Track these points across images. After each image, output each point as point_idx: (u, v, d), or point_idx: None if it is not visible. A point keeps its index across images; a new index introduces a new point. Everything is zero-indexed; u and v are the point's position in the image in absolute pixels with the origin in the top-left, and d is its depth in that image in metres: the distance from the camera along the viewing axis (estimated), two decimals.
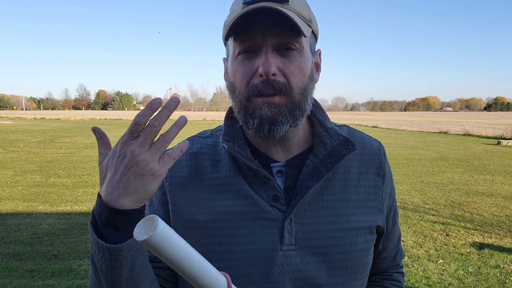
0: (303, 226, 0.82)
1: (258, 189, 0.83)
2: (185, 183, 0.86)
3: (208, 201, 0.84)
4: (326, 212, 0.84)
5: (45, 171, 10.36)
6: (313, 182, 0.83)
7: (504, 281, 4.10)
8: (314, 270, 0.81)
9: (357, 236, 0.86)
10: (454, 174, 10.40)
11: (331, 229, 0.84)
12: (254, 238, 0.81)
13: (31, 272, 4.20)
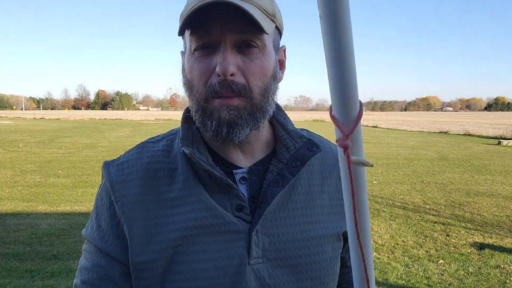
0: (269, 237, 0.78)
1: (220, 199, 0.77)
2: (138, 200, 0.78)
3: (166, 218, 0.77)
4: (292, 221, 0.80)
5: (45, 171, 10.35)
6: (278, 188, 0.78)
7: (505, 282, 4.09)
8: (282, 283, 0.78)
9: (325, 245, 0.83)
10: (454, 174, 10.38)
11: (298, 239, 0.80)
12: (219, 254, 0.75)
13: (31, 273, 4.19)
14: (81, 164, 11.49)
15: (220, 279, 0.74)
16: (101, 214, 0.81)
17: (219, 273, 0.74)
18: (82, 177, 9.62)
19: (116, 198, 0.79)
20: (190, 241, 0.75)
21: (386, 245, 5.19)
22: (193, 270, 0.74)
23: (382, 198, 7.74)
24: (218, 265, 0.75)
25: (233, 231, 0.76)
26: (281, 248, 0.78)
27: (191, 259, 0.75)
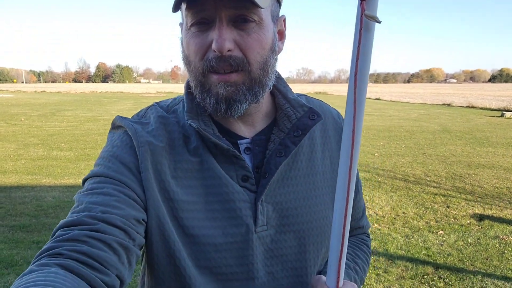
0: (273, 205, 0.80)
1: (227, 169, 0.79)
2: (159, 149, 0.78)
3: (181, 180, 0.77)
4: (295, 189, 0.82)
5: (48, 144, 10.40)
6: (282, 158, 0.79)
7: (503, 252, 4.16)
8: (285, 248, 0.81)
9: (326, 210, 0.85)
10: (456, 146, 10.39)
11: (301, 206, 0.82)
12: (227, 222, 0.77)
13: (38, 244, 4.28)
14: (83, 138, 11.53)
15: (228, 246, 0.76)
16: (116, 152, 0.77)
17: (227, 240, 0.76)
18: (85, 150, 9.67)
19: (140, 142, 0.77)
20: (201, 208, 0.77)
21: (386, 217, 5.26)
22: (203, 236, 0.76)
23: (383, 170, 7.78)
24: (226, 232, 0.76)
25: (241, 200, 0.78)
26: (284, 215, 0.80)
27: (201, 225, 0.76)
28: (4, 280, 3.48)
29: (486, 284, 3.47)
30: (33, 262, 0.62)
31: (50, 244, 0.64)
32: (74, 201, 0.73)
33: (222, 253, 0.76)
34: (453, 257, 4.03)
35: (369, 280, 3.52)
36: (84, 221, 0.67)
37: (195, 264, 0.76)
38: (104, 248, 0.65)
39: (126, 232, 0.69)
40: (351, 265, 0.90)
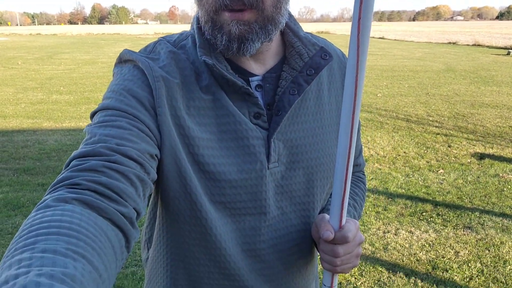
0: (284, 142, 0.80)
1: (239, 106, 0.78)
2: (173, 84, 0.76)
3: (194, 118, 0.76)
4: (304, 126, 0.83)
5: (46, 88, 10.29)
6: (295, 96, 0.79)
7: (502, 189, 4.21)
8: (295, 184, 0.82)
9: (332, 147, 0.86)
10: (460, 85, 10.25)
11: (310, 143, 0.83)
12: (241, 159, 0.77)
13: (43, 186, 4.34)
14: (82, 81, 11.39)
15: (243, 182, 0.77)
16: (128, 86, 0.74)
17: (242, 177, 0.77)
18: (84, 93, 9.59)
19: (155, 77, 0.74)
20: (215, 145, 0.77)
21: (387, 156, 5.29)
22: (218, 173, 0.76)
23: (385, 110, 7.73)
24: (241, 169, 0.77)
25: (254, 137, 0.78)
26: (294, 152, 0.82)
27: (217, 162, 0.76)
28: (12, 221, 3.57)
29: (483, 221, 3.54)
30: (49, 191, 0.60)
31: (67, 174, 0.62)
32: (85, 134, 0.70)
33: (237, 189, 0.77)
34: (452, 195, 4.09)
35: (369, 217, 3.60)
36: (101, 152, 0.64)
37: (210, 200, 0.77)
38: (122, 179, 0.63)
39: (142, 165, 0.67)
40: (351, 202, 0.93)
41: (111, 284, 0.53)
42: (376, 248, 3.11)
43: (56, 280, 0.42)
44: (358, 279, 2.74)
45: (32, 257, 0.45)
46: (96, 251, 0.51)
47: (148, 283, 0.92)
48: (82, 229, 0.52)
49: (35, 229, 0.50)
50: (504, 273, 2.80)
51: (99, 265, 0.50)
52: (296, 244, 0.85)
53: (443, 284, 2.68)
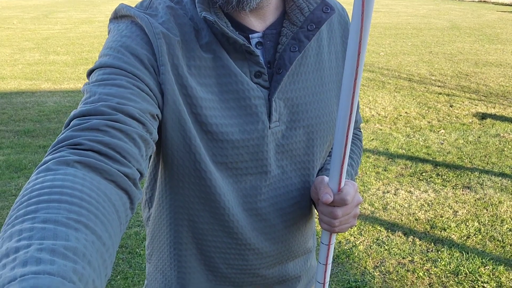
0: (284, 101, 0.79)
1: (241, 65, 0.75)
2: (174, 41, 0.72)
3: (195, 78, 0.74)
4: (305, 84, 0.80)
5: (43, 48, 10.12)
6: (295, 53, 0.76)
7: (503, 149, 4.21)
8: (295, 142, 0.82)
9: (332, 106, 0.85)
10: (464, 44, 10.06)
11: (310, 101, 0.81)
12: (243, 119, 0.76)
13: (44, 148, 4.35)
14: (79, 41, 11.19)
15: (245, 143, 0.76)
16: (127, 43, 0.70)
17: (244, 137, 0.76)
18: (82, 54, 9.44)
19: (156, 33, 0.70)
20: (217, 106, 0.75)
21: (389, 117, 5.26)
22: (221, 133, 0.75)
23: (388, 70, 7.62)
24: (243, 129, 0.76)
25: (255, 97, 0.76)
26: (295, 111, 0.80)
27: (219, 122, 0.74)
28: (15, 183, 3.60)
29: (483, 181, 3.57)
30: (49, 151, 0.58)
31: (68, 133, 0.59)
32: (83, 93, 0.67)
33: (239, 149, 0.76)
34: (452, 155, 4.10)
35: (369, 178, 3.62)
36: (102, 111, 0.61)
37: (213, 160, 0.76)
38: (125, 139, 0.61)
39: (144, 125, 0.65)
40: (348, 162, 0.92)
41: (115, 249, 0.52)
42: (376, 208, 3.15)
43: (57, 255, 0.42)
44: (357, 238, 2.79)
45: (33, 228, 0.44)
46: (99, 218, 0.50)
47: (151, 241, 0.92)
48: (85, 196, 0.50)
49: (35, 195, 0.49)
50: (501, 232, 2.84)
51: (102, 234, 0.49)
52: (296, 202, 0.86)
53: (441, 242, 2.74)
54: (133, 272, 2.46)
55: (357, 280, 2.40)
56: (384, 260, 2.57)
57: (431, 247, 2.69)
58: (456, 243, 2.73)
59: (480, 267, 2.49)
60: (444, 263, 2.52)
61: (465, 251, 2.63)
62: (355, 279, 2.41)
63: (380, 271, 2.48)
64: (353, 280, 2.40)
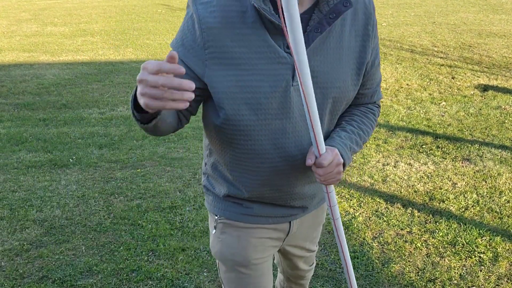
0: (310, 68, 1.02)
1: (276, 39, 1.00)
2: (219, 33, 0.99)
3: (237, 48, 1.00)
4: (325, 58, 1.05)
5: (40, 19, 9.96)
6: (318, 34, 1.01)
7: (503, 121, 4.21)
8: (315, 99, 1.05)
9: (347, 76, 1.09)
10: (468, 14, 9.89)
11: (328, 71, 1.06)
12: (272, 78, 1.02)
13: (44, 121, 4.35)
14: (77, 11, 11.00)
15: (272, 94, 1.03)
16: (185, 36, 1.03)
17: (271, 90, 1.02)
18: (80, 25, 9.30)
19: (202, 29, 0.99)
20: (255, 68, 1.01)
21: (390, 89, 5.23)
22: (256, 87, 1.02)
23: (390, 41, 7.53)
24: (271, 84, 1.02)
25: (284, 63, 1.02)
26: (314, 76, 1.05)
27: (253, 78, 1.01)
28: (16, 156, 3.62)
29: (482, 153, 3.58)
30: None
31: None
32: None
33: (269, 99, 1.03)
34: (453, 127, 4.10)
35: (369, 150, 3.64)
36: None
37: (249, 108, 1.03)
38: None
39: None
40: (355, 131, 1.16)
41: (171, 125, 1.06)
42: (375, 180, 3.17)
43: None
44: (357, 209, 2.83)
45: None
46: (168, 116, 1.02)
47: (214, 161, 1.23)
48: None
49: None
50: (499, 203, 2.87)
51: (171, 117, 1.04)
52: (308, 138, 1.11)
53: (439, 214, 2.77)
54: (136, 243, 2.50)
55: (356, 250, 2.44)
56: (382, 231, 2.61)
57: (429, 219, 2.72)
58: (454, 215, 2.76)
59: (477, 237, 2.53)
60: (441, 234, 2.56)
61: (463, 222, 2.67)
62: (354, 249, 2.45)
63: (378, 242, 2.52)
64: (352, 250, 2.44)
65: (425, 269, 2.29)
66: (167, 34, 8.45)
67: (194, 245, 2.48)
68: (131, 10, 11.42)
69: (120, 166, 3.45)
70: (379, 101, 1.27)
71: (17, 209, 2.86)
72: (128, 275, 2.26)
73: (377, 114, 1.25)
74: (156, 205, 2.89)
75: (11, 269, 2.31)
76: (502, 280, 2.21)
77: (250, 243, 1.25)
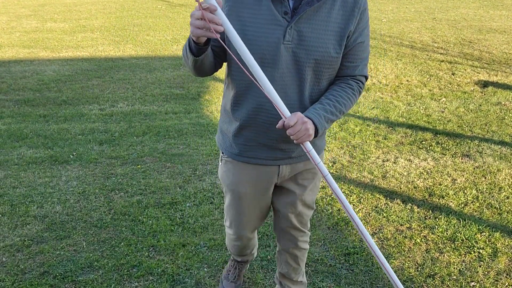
0: (297, 32, 1.33)
1: (276, 6, 1.32)
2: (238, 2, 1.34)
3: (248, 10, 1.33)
4: (314, 26, 1.33)
5: (40, 15, 9.95)
6: (307, 7, 1.30)
7: (503, 117, 4.21)
8: (298, 56, 1.34)
9: (329, 44, 1.35)
10: (468, 10, 9.86)
11: (315, 36, 1.33)
12: (268, 35, 1.32)
13: (45, 117, 4.35)
14: (76, 7, 10.98)
15: (267, 45, 1.33)
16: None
17: (266, 44, 1.33)
18: (80, 21, 9.28)
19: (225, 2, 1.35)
20: (255, 25, 1.33)
21: (390, 85, 5.23)
22: (255, 39, 1.33)
23: (390, 37, 7.51)
24: (266, 40, 1.33)
25: (279, 25, 1.32)
26: (302, 39, 1.33)
27: (256, 33, 1.33)
28: (17, 152, 3.62)
29: (482, 149, 3.58)
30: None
31: None
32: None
33: (263, 49, 1.33)
34: (452, 123, 4.10)
35: (369, 146, 3.64)
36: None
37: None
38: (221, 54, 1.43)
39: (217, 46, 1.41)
40: (331, 103, 1.38)
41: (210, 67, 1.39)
42: (375, 176, 3.18)
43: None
44: (356, 205, 2.83)
45: None
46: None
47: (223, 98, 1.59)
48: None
49: None
50: (498, 199, 2.88)
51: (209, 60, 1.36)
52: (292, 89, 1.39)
53: (439, 210, 2.78)
54: (136, 239, 2.51)
55: (356, 246, 2.45)
56: (382, 227, 2.62)
57: (429, 214, 2.73)
58: (453, 211, 2.77)
59: (476, 233, 2.54)
60: (441, 230, 2.57)
61: (462, 218, 2.68)
62: (354, 245, 2.46)
63: (378, 237, 2.53)
64: (351, 246, 2.45)
65: (425, 265, 2.30)
66: (167, 30, 8.43)
67: (195, 241, 2.49)
68: (131, 6, 11.39)
69: (120, 162, 3.46)
70: (362, 78, 1.46)
71: (18, 205, 2.87)
72: (129, 270, 2.28)
73: (357, 89, 1.45)
74: (157, 201, 2.90)
75: (12, 264, 2.32)
76: (501, 276, 2.22)
77: (242, 178, 1.59)
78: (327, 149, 3.62)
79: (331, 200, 2.89)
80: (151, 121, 4.27)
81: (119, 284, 2.18)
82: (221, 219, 2.69)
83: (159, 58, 6.49)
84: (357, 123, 4.13)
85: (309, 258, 2.34)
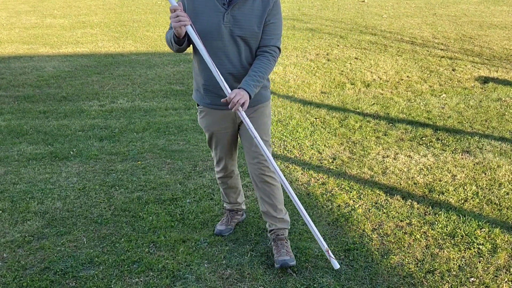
0: (233, 16, 1.96)
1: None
2: None
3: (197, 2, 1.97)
4: (243, 12, 1.96)
5: (39, 11, 9.92)
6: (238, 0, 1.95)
7: (504, 114, 4.21)
8: (235, 33, 1.98)
9: (254, 24, 1.99)
10: (469, 5, 9.83)
11: (245, 19, 1.97)
12: (211, 19, 1.97)
13: (45, 113, 4.35)
14: (76, 3, 10.95)
15: (211, 25, 1.97)
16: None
17: (212, 25, 1.97)
18: (79, 17, 9.26)
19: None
20: (202, 13, 1.96)
21: (390, 81, 5.22)
22: (201, 22, 1.96)
23: (390, 33, 7.49)
24: (212, 22, 1.96)
25: (220, 11, 1.96)
26: (236, 21, 1.97)
27: (201, 18, 1.97)
28: (17, 148, 3.62)
29: (482, 145, 3.58)
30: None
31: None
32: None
33: (209, 28, 1.97)
34: (453, 119, 4.10)
35: (369, 143, 3.64)
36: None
37: (202, 34, 1.95)
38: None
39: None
40: (256, 74, 1.99)
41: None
42: (375, 172, 3.18)
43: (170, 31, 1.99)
44: (356, 201, 2.84)
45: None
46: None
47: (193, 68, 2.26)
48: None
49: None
50: (498, 195, 2.88)
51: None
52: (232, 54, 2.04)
53: (439, 206, 2.78)
54: (137, 235, 2.52)
55: (356, 242, 2.46)
56: (382, 223, 2.62)
57: (428, 210, 2.74)
58: (453, 207, 2.77)
59: (476, 229, 2.54)
60: (441, 226, 2.57)
61: (462, 214, 2.68)
62: (354, 241, 2.47)
63: (378, 233, 2.53)
64: (351, 242, 2.46)
65: (424, 261, 2.31)
66: (166, 26, 8.41)
67: (195, 237, 2.50)
68: (131, 2, 11.36)
69: (120, 158, 3.46)
70: (275, 48, 2.07)
71: (18, 201, 2.87)
72: (129, 266, 2.28)
73: (272, 57, 2.05)
74: (157, 197, 2.91)
75: (13, 260, 2.33)
76: (500, 271, 2.22)
77: (212, 121, 2.22)
78: (327, 145, 3.62)
79: (331, 197, 2.90)
80: (151, 117, 4.26)
81: (120, 280, 2.18)
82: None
83: (159, 54, 6.48)
84: (357, 119, 4.13)
85: (308, 254, 2.35)
